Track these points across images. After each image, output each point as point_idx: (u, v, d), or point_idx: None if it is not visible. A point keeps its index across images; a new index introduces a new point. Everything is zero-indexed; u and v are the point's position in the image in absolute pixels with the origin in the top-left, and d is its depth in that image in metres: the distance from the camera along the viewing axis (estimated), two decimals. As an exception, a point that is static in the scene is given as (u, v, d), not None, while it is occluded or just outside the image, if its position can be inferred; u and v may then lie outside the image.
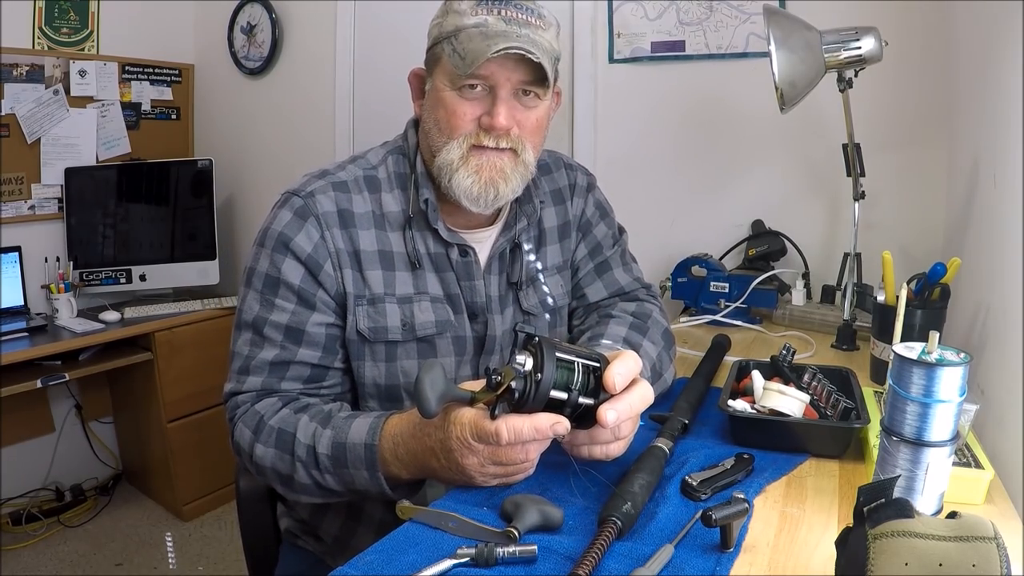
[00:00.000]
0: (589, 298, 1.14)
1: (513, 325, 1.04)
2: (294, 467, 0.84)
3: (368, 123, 2.46)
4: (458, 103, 0.90)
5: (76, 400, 2.60)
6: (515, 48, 0.84)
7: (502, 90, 0.89)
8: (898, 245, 1.58)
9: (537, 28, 0.89)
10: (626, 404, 0.73)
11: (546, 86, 0.91)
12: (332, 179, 0.96)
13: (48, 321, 2.34)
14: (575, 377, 0.72)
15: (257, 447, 0.87)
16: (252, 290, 0.93)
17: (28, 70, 2.39)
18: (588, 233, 1.15)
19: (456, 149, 0.91)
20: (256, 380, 0.91)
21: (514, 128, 0.91)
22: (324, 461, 0.83)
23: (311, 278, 0.92)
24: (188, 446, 2.46)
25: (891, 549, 0.53)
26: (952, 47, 1.55)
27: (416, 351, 0.97)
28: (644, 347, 0.99)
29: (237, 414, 0.91)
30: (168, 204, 2.63)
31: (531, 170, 0.96)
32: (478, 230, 1.02)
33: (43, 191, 2.48)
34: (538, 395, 0.69)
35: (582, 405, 0.72)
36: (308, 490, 0.86)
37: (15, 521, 2.38)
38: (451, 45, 0.88)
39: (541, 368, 0.69)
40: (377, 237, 0.96)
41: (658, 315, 1.10)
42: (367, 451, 0.80)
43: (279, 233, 0.91)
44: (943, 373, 0.66)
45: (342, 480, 0.83)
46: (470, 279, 0.99)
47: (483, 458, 0.73)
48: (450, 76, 0.90)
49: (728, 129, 1.90)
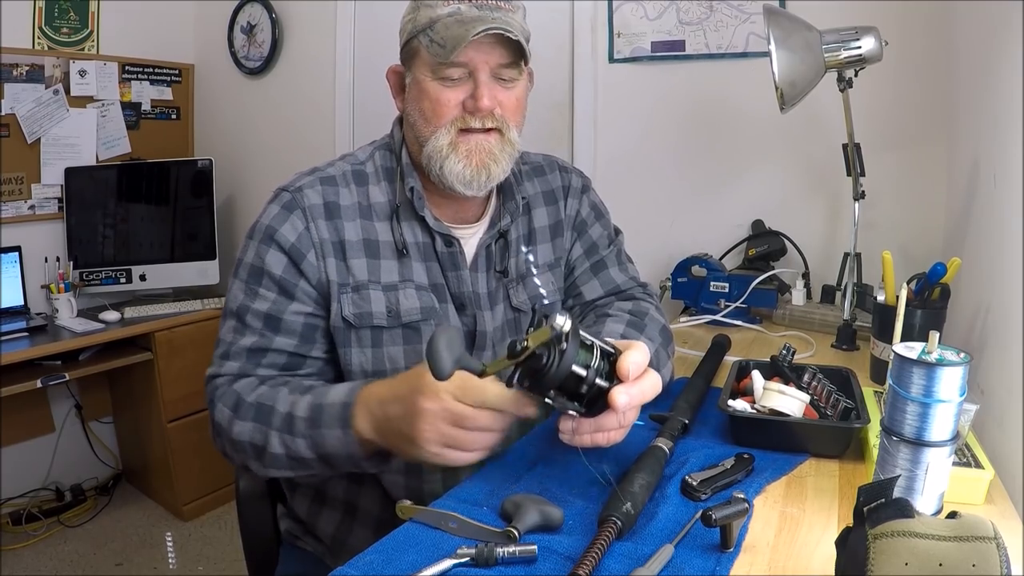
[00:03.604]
0: (585, 296, 1.14)
1: (504, 321, 1.06)
2: (268, 437, 0.86)
3: (368, 123, 2.46)
4: (441, 91, 0.93)
5: (76, 400, 2.60)
6: (494, 29, 0.88)
7: (482, 73, 0.92)
8: (898, 245, 1.58)
9: (508, 11, 0.93)
10: (638, 389, 0.73)
11: (521, 65, 0.95)
12: (320, 175, 1.00)
13: (48, 321, 2.34)
14: (594, 358, 0.71)
15: (236, 423, 0.89)
16: (238, 280, 0.97)
17: (28, 70, 2.39)
18: (583, 233, 1.16)
19: (445, 135, 0.94)
20: (234, 365, 0.94)
21: (497, 108, 0.95)
22: (299, 425, 0.84)
23: (293, 268, 0.95)
24: (188, 446, 2.45)
25: (891, 549, 0.53)
26: (952, 47, 1.55)
27: (401, 337, 0.98)
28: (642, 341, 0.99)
29: (216, 395, 0.93)
30: (168, 204, 2.63)
31: (517, 148, 0.99)
32: (464, 225, 1.05)
33: (43, 191, 2.48)
34: (562, 365, 0.67)
35: (597, 386, 0.71)
36: (279, 461, 0.87)
37: (15, 521, 2.38)
38: (428, 36, 0.92)
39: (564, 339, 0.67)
40: (363, 227, 0.99)
41: (655, 313, 1.10)
42: (343, 408, 0.82)
43: (266, 226, 0.96)
44: (943, 373, 0.66)
45: (314, 443, 0.84)
46: (456, 269, 1.01)
47: (446, 412, 0.73)
48: (430, 66, 0.93)
49: (728, 129, 1.90)
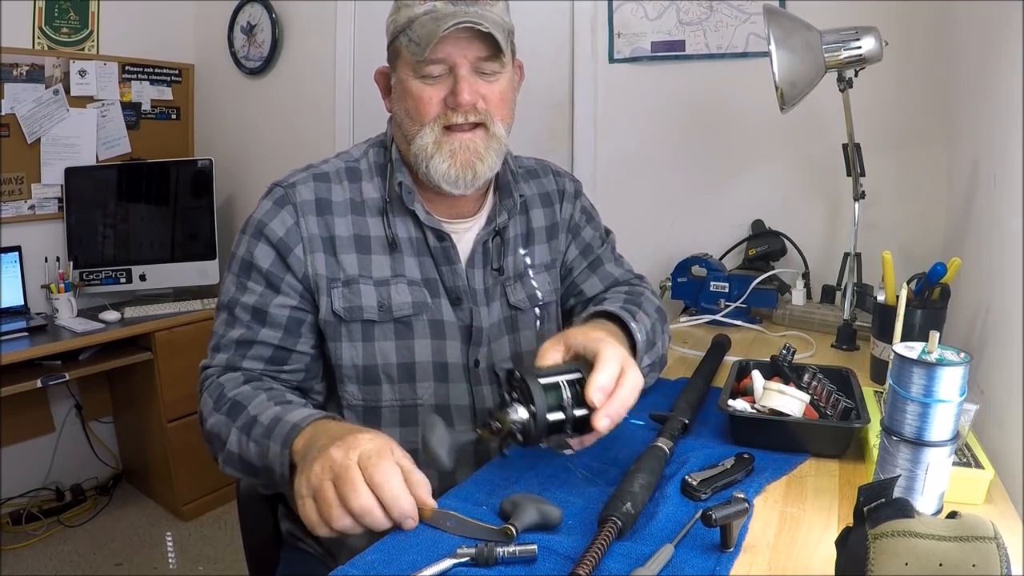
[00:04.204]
0: (586, 293, 1.16)
1: (501, 318, 1.06)
2: (230, 434, 0.87)
3: (368, 123, 2.46)
4: (422, 89, 0.94)
5: (76, 400, 2.60)
6: (464, 23, 0.89)
7: (461, 68, 0.93)
8: (898, 245, 1.58)
9: (485, 5, 0.94)
10: (617, 405, 0.75)
11: (502, 58, 0.95)
12: (315, 171, 1.01)
13: (48, 321, 2.34)
14: (563, 395, 0.75)
15: (212, 416, 0.90)
16: (231, 273, 0.99)
17: (28, 70, 2.39)
18: (577, 236, 1.18)
19: (429, 134, 0.95)
20: (223, 357, 0.96)
21: (479, 102, 0.95)
22: (257, 430, 0.83)
23: (280, 261, 0.96)
24: (188, 446, 2.45)
25: (891, 549, 0.53)
26: (952, 47, 1.55)
27: (393, 332, 0.99)
28: (639, 315, 1.00)
29: (204, 385, 0.95)
30: (168, 204, 2.63)
31: (504, 143, 0.99)
32: (459, 220, 1.05)
33: (43, 191, 2.48)
34: (538, 426, 0.73)
35: (578, 418, 0.75)
36: (232, 460, 0.87)
37: (15, 521, 2.38)
38: (407, 36, 0.93)
39: (531, 399, 0.73)
40: (354, 222, 1.00)
41: (650, 295, 1.12)
42: (292, 430, 0.80)
43: (257, 220, 0.97)
44: (943, 373, 0.66)
45: (260, 450, 0.83)
46: (450, 263, 1.02)
47: (340, 466, 0.69)
48: (411, 65, 0.94)
49: (728, 129, 1.90)
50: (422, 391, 1.00)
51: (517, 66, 1.04)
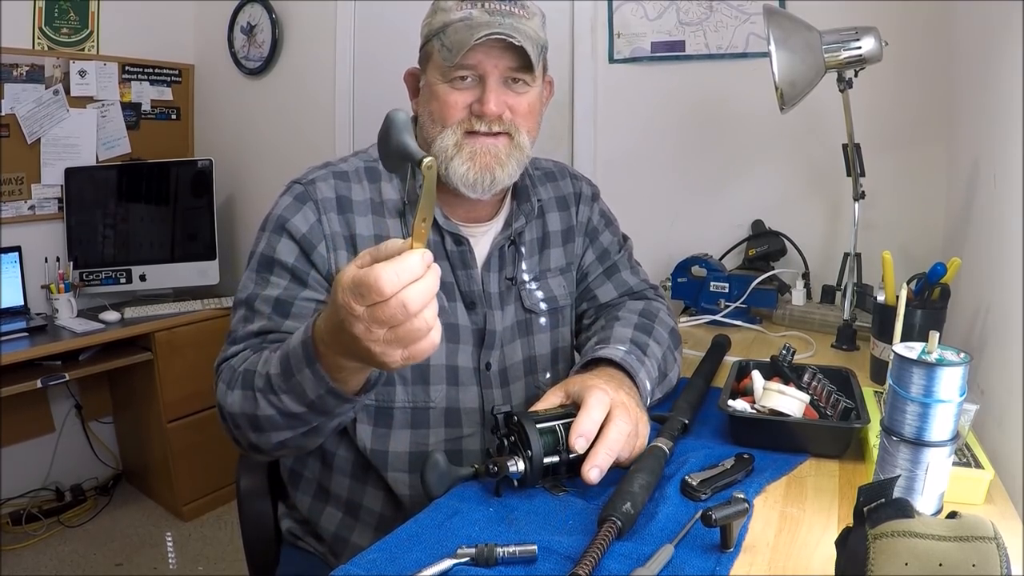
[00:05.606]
0: (600, 299, 1.16)
1: (515, 322, 1.06)
2: (256, 401, 0.81)
3: (368, 123, 2.46)
4: (449, 93, 0.95)
5: (76, 400, 2.60)
6: (497, 34, 0.88)
7: (491, 78, 0.93)
8: (898, 245, 1.58)
9: (521, 18, 0.93)
10: (604, 454, 0.76)
11: (533, 72, 0.95)
12: (334, 169, 1.01)
13: (48, 321, 2.34)
14: (559, 439, 0.79)
15: (229, 396, 0.85)
16: (250, 270, 0.97)
17: (28, 70, 2.39)
18: (595, 240, 1.18)
19: (450, 136, 0.95)
20: (239, 348, 0.93)
21: (506, 113, 0.95)
22: (276, 381, 0.78)
23: (304, 257, 0.95)
24: (188, 446, 2.46)
25: (891, 549, 0.53)
26: (952, 47, 1.55)
27: None
28: (650, 347, 1.00)
29: (218, 377, 0.91)
30: (168, 204, 2.63)
31: (527, 154, 0.99)
32: (476, 224, 1.04)
33: (43, 191, 2.48)
34: (534, 470, 0.77)
35: (571, 459, 0.78)
36: (274, 423, 0.81)
37: (15, 521, 2.38)
38: (440, 40, 0.93)
39: (528, 443, 0.77)
40: (374, 223, 0.99)
41: (665, 315, 1.11)
42: (304, 347, 0.74)
43: (278, 216, 0.96)
44: (943, 373, 0.66)
45: (295, 394, 0.77)
46: (466, 267, 1.01)
47: (367, 321, 0.64)
48: (441, 69, 0.94)
49: (728, 129, 1.90)
50: (435, 394, 0.99)
51: (547, 82, 1.03)
